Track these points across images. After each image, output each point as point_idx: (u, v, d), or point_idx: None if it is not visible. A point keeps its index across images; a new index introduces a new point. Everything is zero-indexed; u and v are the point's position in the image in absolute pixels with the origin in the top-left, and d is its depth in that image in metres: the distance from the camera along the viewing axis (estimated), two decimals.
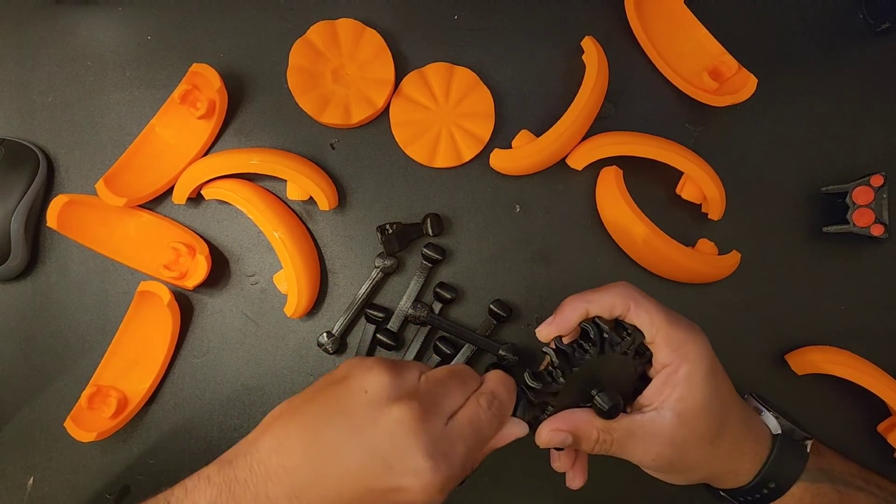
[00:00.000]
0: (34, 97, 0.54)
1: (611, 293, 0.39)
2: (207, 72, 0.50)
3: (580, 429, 0.37)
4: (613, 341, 0.38)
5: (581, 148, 0.51)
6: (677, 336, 0.38)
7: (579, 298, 0.39)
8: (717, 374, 0.38)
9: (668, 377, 0.38)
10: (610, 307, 0.38)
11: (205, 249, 0.51)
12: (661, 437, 0.37)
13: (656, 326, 0.38)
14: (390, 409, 0.33)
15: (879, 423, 0.51)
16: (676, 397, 0.37)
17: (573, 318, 0.39)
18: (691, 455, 0.38)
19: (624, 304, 0.38)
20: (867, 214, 0.50)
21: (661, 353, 0.38)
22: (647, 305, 0.38)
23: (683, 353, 0.37)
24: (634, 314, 0.38)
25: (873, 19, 0.54)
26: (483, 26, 0.54)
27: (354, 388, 0.35)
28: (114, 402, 0.49)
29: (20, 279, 0.53)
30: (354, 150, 0.54)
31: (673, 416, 0.37)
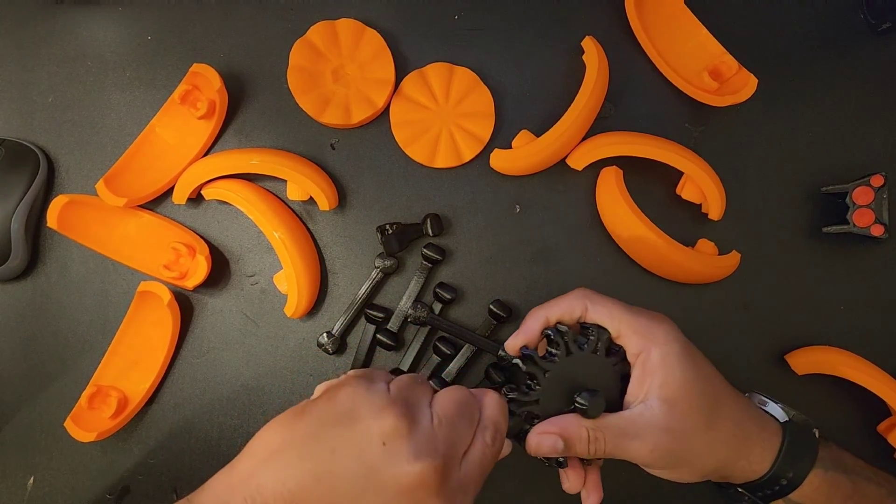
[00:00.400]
0: (34, 97, 0.54)
1: (567, 298, 0.40)
2: (207, 72, 0.50)
3: (568, 430, 0.37)
4: (579, 341, 0.39)
5: (581, 148, 0.51)
6: (641, 323, 0.38)
7: (539, 308, 0.41)
8: (692, 353, 0.39)
9: (643, 365, 0.38)
10: (569, 311, 0.40)
11: (205, 249, 0.51)
12: (654, 427, 0.37)
13: (617, 318, 0.38)
14: (413, 468, 0.31)
15: (879, 423, 0.51)
16: (658, 384, 0.37)
17: (535, 327, 0.40)
18: (691, 442, 0.38)
19: (581, 304, 0.39)
20: (867, 214, 0.50)
21: (630, 343, 0.38)
22: (604, 301, 0.39)
23: (651, 338, 0.38)
24: (593, 312, 0.39)
25: (873, 19, 0.54)
26: (483, 26, 0.54)
27: (371, 437, 0.32)
28: (114, 402, 0.49)
29: (20, 279, 0.53)
30: (354, 151, 0.54)
31: (660, 403, 0.37)
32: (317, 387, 0.37)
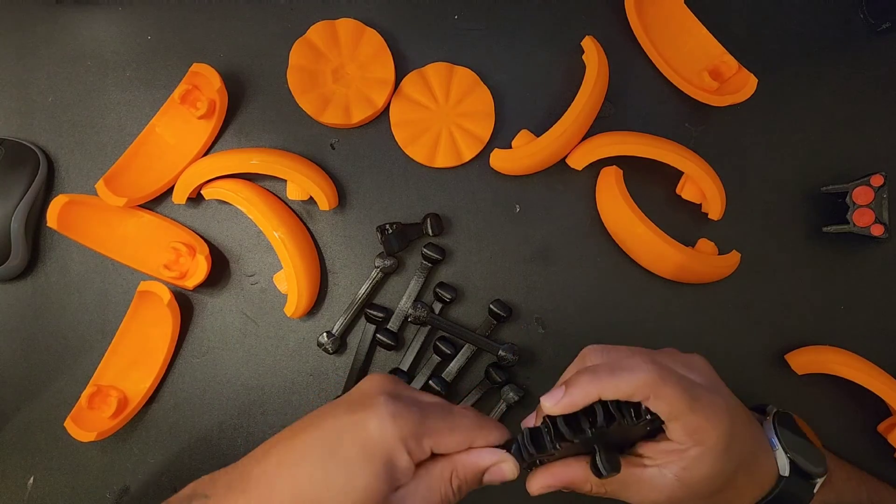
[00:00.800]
0: (34, 97, 0.54)
1: (628, 382, 0.34)
2: (207, 72, 0.50)
3: (573, 483, 0.37)
4: (624, 424, 0.35)
5: (581, 148, 0.51)
6: (695, 422, 0.35)
7: (592, 381, 0.35)
8: (731, 450, 0.36)
9: (677, 451, 0.36)
10: (627, 396, 0.34)
11: (205, 249, 0.51)
12: (660, 492, 0.36)
13: (675, 416, 0.35)
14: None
15: (879, 423, 0.51)
16: (682, 466, 0.35)
17: (580, 404, 0.35)
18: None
19: (643, 394, 0.34)
20: (867, 214, 0.50)
21: (676, 434, 0.35)
22: (669, 395, 0.34)
23: (699, 439, 0.35)
24: (653, 404, 0.34)
25: (873, 19, 0.54)
26: (483, 26, 0.54)
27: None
28: (114, 402, 0.49)
29: (20, 279, 0.53)
30: (354, 150, 0.54)
31: (674, 480, 0.36)
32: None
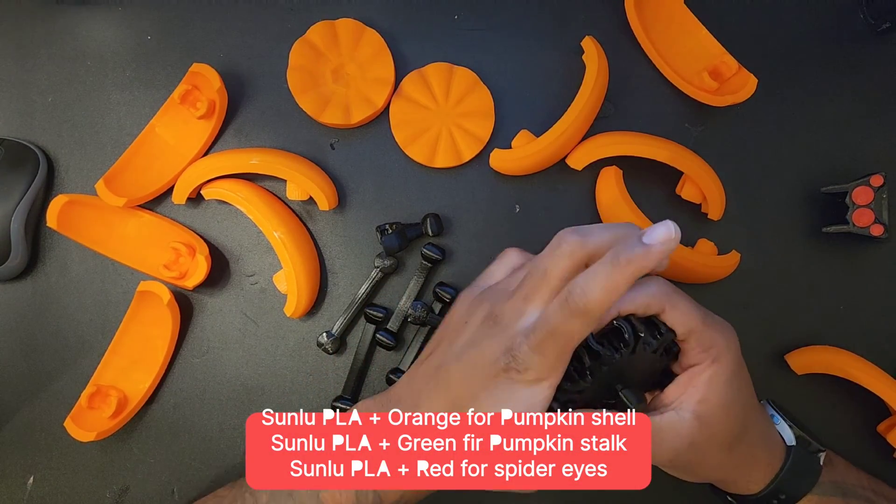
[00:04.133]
0: (34, 97, 0.54)
1: (646, 293, 0.37)
2: (207, 72, 0.50)
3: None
4: (647, 342, 0.37)
5: (581, 148, 0.51)
6: (709, 337, 0.37)
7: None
8: (741, 376, 0.38)
9: (691, 377, 0.37)
10: (644, 307, 0.37)
11: (205, 249, 0.51)
12: (680, 438, 0.37)
13: (690, 328, 0.37)
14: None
15: (879, 423, 0.51)
16: (698, 398, 0.37)
17: (605, 317, 0.37)
18: (708, 459, 0.38)
19: (659, 304, 0.37)
20: (867, 214, 0.50)
21: (691, 353, 0.38)
22: (683, 306, 0.37)
23: (713, 355, 0.37)
24: (669, 315, 0.37)
25: (873, 19, 0.54)
26: (483, 26, 0.54)
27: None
28: (114, 402, 0.49)
29: (20, 279, 0.53)
30: (354, 151, 0.54)
31: (692, 419, 0.37)
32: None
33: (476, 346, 0.37)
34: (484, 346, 0.36)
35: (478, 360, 0.36)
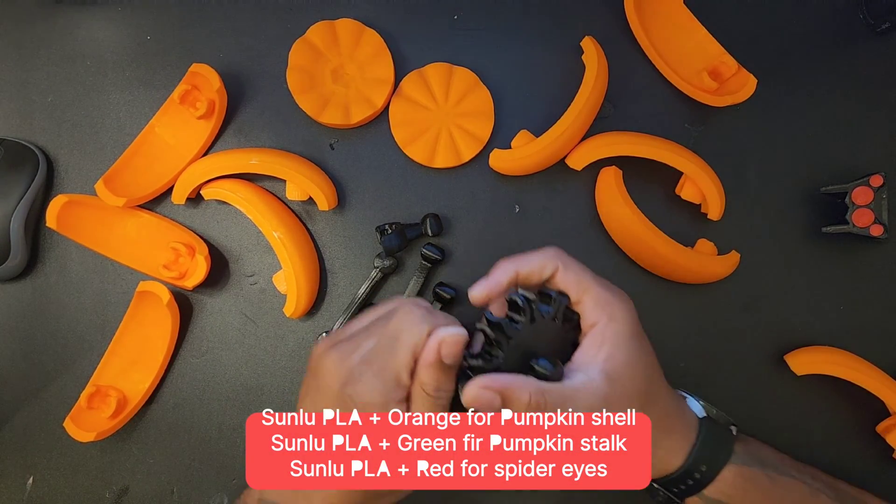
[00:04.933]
0: (34, 97, 0.54)
1: (539, 256, 0.40)
2: (207, 72, 0.50)
3: (511, 390, 0.36)
4: (541, 308, 0.38)
5: (581, 148, 0.51)
6: (603, 296, 0.39)
7: (509, 261, 0.40)
8: (641, 336, 0.39)
9: (594, 337, 0.38)
10: (539, 269, 0.40)
11: (204, 249, 0.51)
12: (594, 397, 0.37)
13: (583, 287, 0.39)
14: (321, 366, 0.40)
15: (878, 423, 0.51)
16: (604, 357, 0.38)
17: (502, 281, 0.40)
18: None
19: (552, 265, 0.39)
20: (867, 215, 0.50)
21: (588, 313, 0.39)
22: (575, 267, 0.40)
23: (609, 312, 0.38)
24: (562, 275, 0.39)
25: (873, 19, 0.54)
26: (483, 26, 0.54)
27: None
28: (113, 402, 0.49)
29: (20, 279, 0.53)
30: (354, 151, 0.54)
31: (602, 377, 0.37)
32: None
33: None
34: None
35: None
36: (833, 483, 0.43)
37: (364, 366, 0.39)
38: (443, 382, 0.38)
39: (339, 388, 0.39)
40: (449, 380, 0.39)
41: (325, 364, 0.40)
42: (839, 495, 0.42)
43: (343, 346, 0.40)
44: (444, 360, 0.37)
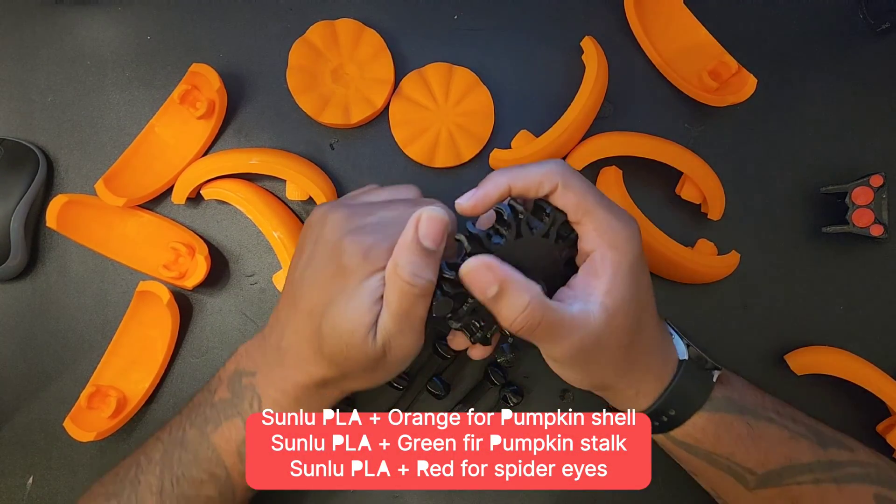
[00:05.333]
0: (34, 97, 0.54)
1: (539, 170, 0.36)
2: (207, 72, 0.50)
3: (513, 284, 0.34)
4: (532, 224, 0.36)
5: (581, 148, 0.51)
6: (606, 221, 0.35)
7: (503, 173, 0.36)
8: (642, 268, 0.37)
9: (594, 264, 0.36)
10: (536, 185, 0.36)
11: (204, 249, 0.51)
12: (587, 332, 0.35)
13: (584, 209, 0.35)
14: (326, 219, 0.38)
15: (879, 423, 0.51)
16: (603, 290, 0.35)
17: (493, 195, 0.36)
18: (607, 356, 0.37)
19: (551, 182, 0.35)
20: (867, 215, 0.50)
21: (587, 238, 0.36)
22: (577, 186, 0.35)
23: (610, 240, 0.35)
24: (561, 195, 0.35)
25: (873, 19, 0.54)
26: (483, 26, 0.54)
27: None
28: (113, 402, 0.49)
29: (19, 279, 0.53)
30: (354, 150, 0.54)
31: (601, 310, 0.35)
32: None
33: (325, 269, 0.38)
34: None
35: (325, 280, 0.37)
36: (814, 425, 0.42)
37: (378, 227, 0.36)
38: (419, 268, 0.34)
39: (340, 237, 0.36)
40: (427, 267, 0.35)
41: (332, 217, 0.37)
42: (820, 438, 0.42)
43: (356, 207, 0.38)
44: (422, 240, 0.34)
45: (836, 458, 0.41)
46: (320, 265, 0.37)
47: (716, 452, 0.40)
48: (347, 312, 0.36)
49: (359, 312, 0.36)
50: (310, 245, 0.38)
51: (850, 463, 0.41)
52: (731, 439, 0.40)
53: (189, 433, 0.41)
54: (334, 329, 0.36)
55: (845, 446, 0.42)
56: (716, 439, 0.40)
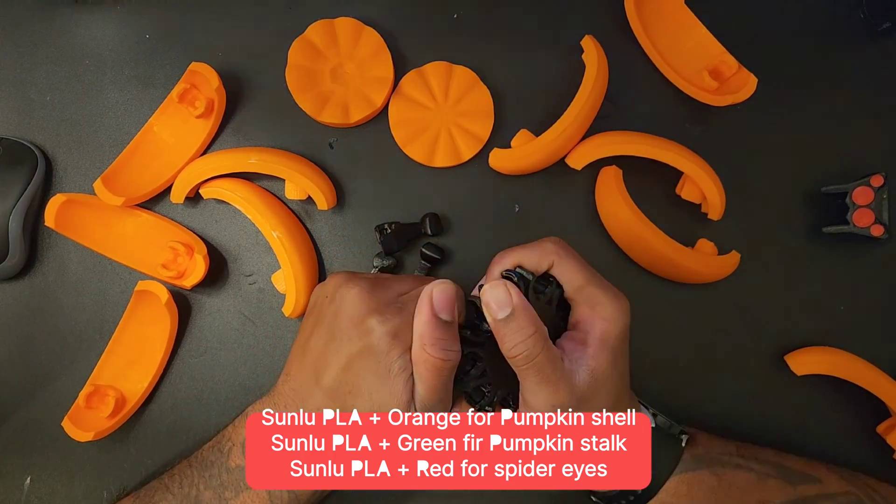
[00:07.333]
0: (32, 96, 0.54)
1: (537, 250, 0.40)
2: (206, 71, 0.50)
3: (524, 312, 0.36)
4: (537, 290, 0.39)
5: (581, 148, 0.51)
6: (597, 296, 0.39)
7: (507, 254, 0.40)
8: (624, 343, 0.39)
9: (582, 333, 0.39)
10: (536, 263, 0.40)
11: (203, 249, 0.51)
12: (572, 391, 0.37)
13: (577, 284, 0.39)
14: (345, 294, 0.39)
15: (879, 423, 0.51)
16: (591, 354, 0.38)
17: (496, 272, 0.40)
18: None
19: (548, 260, 0.39)
20: (867, 215, 0.50)
21: (578, 310, 0.39)
22: (570, 264, 0.39)
23: (600, 312, 0.38)
24: (557, 270, 0.39)
25: (874, 19, 0.54)
26: (483, 26, 0.54)
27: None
28: (111, 402, 0.49)
29: (18, 278, 0.53)
30: (353, 150, 0.53)
31: (587, 374, 0.37)
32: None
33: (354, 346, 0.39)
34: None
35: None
36: (780, 462, 0.44)
37: (400, 306, 0.38)
38: (447, 343, 0.37)
39: (363, 315, 0.38)
40: (452, 339, 0.38)
41: (350, 291, 0.39)
42: (787, 475, 0.43)
43: (372, 282, 0.40)
44: (439, 314, 0.37)
45: (806, 493, 0.42)
46: (343, 342, 0.39)
47: None
48: (384, 395, 0.38)
49: (396, 394, 0.38)
50: (328, 317, 0.40)
51: (819, 497, 0.42)
52: (703, 494, 0.41)
53: (204, 494, 0.42)
54: (371, 409, 0.38)
55: (814, 479, 0.43)
56: (689, 497, 0.41)
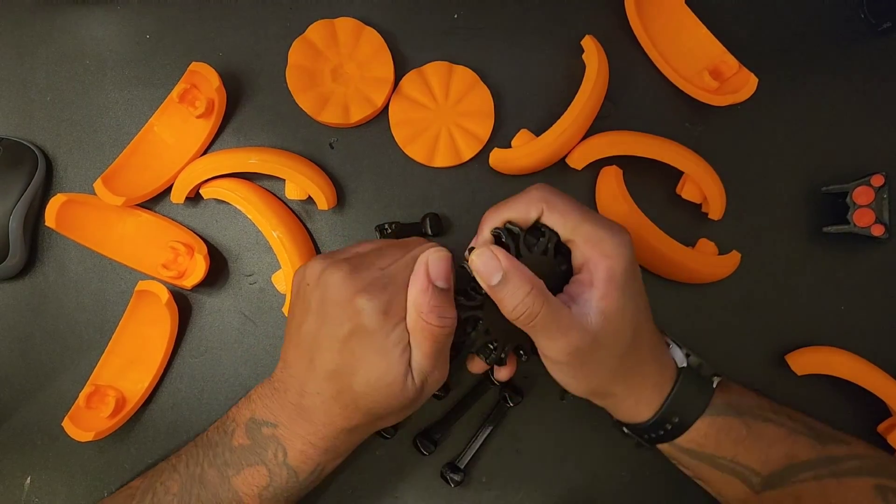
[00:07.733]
0: (33, 96, 0.54)
1: (524, 199, 0.39)
2: (206, 71, 0.50)
3: (516, 273, 0.36)
4: (529, 243, 0.38)
5: (581, 147, 0.51)
6: (594, 232, 0.37)
7: (494, 210, 0.40)
8: (635, 277, 0.38)
9: (587, 274, 0.37)
10: (525, 214, 0.38)
11: (203, 249, 0.51)
12: (585, 333, 0.36)
13: (571, 226, 0.38)
14: (328, 279, 0.38)
15: (879, 423, 0.51)
16: (599, 295, 0.37)
17: (486, 230, 0.39)
18: (604, 360, 0.38)
19: (537, 208, 0.38)
20: (867, 214, 0.50)
21: (579, 251, 0.38)
22: (561, 206, 0.38)
23: (601, 249, 0.37)
24: (548, 217, 0.38)
25: (874, 19, 0.54)
26: (483, 26, 0.54)
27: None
28: (112, 402, 0.49)
29: (18, 278, 0.53)
30: (353, 150, 0.53)
31: (598, 315, 0.36)
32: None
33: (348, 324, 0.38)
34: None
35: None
36: (811, 423, 0.43)
37: (386, 281, 0.38)
38: (443, 310, 0.37)
39: (350, 297, 0.37)
40: (448, 305, 0.38)
41: (333, 276, 0.38)
42: (818, 434, 0.43)
43: (353, 262, 0.39)
44: (435, 282, 0.37)
45: (835, 452, 0.42)
46: (334, 326, 0.38)
47: (719, 455, 0.41)
48: (381, 368, 0.37)
49: (393, 365, 0.37)
50: (315, 305, 0.39)
51: (848, 457, 0.42)
52: (732, 442, 0.41)
53: (208, 472, 0.42)
54: (369, 385, 0.38)
55: (842, 441, 0.43)
56: (717, 443, 0.40)
